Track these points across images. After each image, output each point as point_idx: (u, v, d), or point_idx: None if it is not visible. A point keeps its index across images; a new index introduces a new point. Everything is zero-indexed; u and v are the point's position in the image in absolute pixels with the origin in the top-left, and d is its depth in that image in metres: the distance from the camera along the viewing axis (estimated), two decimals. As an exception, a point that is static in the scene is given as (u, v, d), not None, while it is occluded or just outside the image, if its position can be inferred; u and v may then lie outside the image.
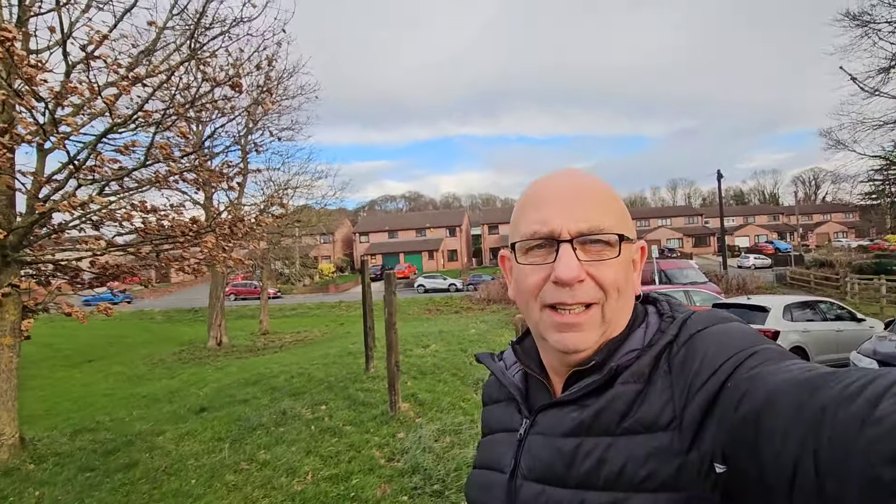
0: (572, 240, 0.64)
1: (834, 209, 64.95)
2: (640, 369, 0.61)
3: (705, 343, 0.59)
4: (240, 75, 5.82)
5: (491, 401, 0.85)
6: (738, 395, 0.51)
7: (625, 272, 0.66)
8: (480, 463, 0.79)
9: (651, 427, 0.57)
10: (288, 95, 10.74)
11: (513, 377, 0.79)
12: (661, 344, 0.62)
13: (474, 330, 13.43)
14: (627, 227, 0.68)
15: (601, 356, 0.65)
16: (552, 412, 0.68)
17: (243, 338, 18.85)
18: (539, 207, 0.67)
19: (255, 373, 9.38)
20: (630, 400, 0.60)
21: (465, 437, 4.72)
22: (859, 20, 17.38)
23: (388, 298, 5.79)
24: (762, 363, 0.53)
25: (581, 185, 0.68)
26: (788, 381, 0.47)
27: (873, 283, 20.03)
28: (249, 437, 5.30)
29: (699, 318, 0.65)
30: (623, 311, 0.67)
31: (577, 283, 0.63)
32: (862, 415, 0.38)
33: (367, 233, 57.14)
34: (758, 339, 0.59)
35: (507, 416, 0.77)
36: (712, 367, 0.56)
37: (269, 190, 15.37)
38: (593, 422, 0.61)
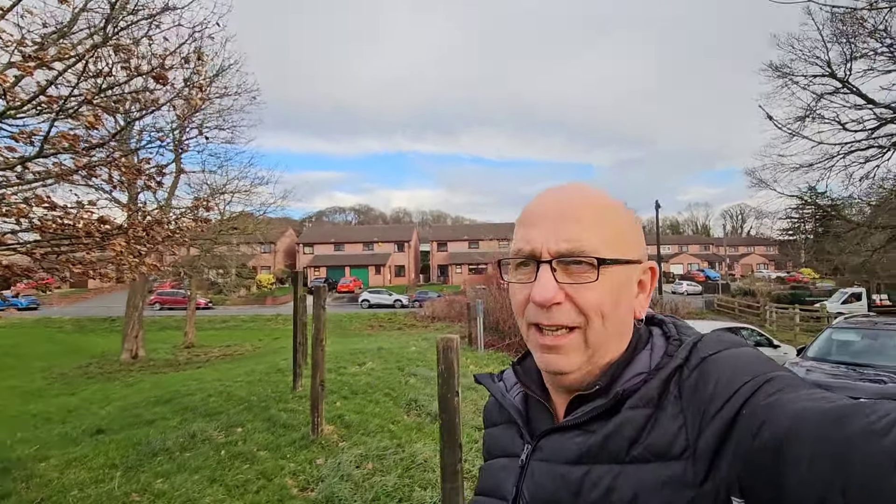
0: (551, 260, 0.62)
1: (757, 242, 70.73)
2: (648, 393, 0.59)
3: (718, 368, 0.57)
4: (165, 67, 5.38)
5: (491, 423, 0.82)
6: (757, 423, 0.48)
7: (612, 296, 0.63)
8: (482, 489, 0.77)
9: (663, 455, 0.55)
10: (222, 94, 10.16)
11: (513, 399, 0.76)
12: (671, 368, 0.60)
13: (415, 347, 13.14)
14: (623, 249, 0.65)
15: (605, 380, 0.63)
16: (555, 437, 0.65)
17: (164, 351, 17.46)
18: (527, 225, 0.66)
19: (169, 390, 8.60)
20: (640, 426, 0.57)
21: (389, 462, 4.44)
22: (780, 71, 19.18)
23: (315, 313, 5.45)
24: (780, 390, 0.51)
25: (571, 203, 0.65)
26: (812, 410, 0.45)
27: (788, 312, 21.76)
28: (148, 464, 4.74)
29: (710, 341, 0.62)
30: (614, 336, 0.64)
31: (555, 305, 0.62)
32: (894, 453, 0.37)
33: (312, 244, 55.47)
34: (772, 365, 0.56)
35: (507, 440, 0.75)
36: (727, 393, 0.53)
37: (203, 193, 14.47)
38: (601, 449, 0.59)
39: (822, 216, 36.24)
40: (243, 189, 16.05)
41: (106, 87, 5.17)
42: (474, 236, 55.52)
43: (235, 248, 22.32)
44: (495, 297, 17.49)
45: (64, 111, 4.49)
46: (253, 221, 17.00)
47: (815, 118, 18.76)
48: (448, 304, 24.72)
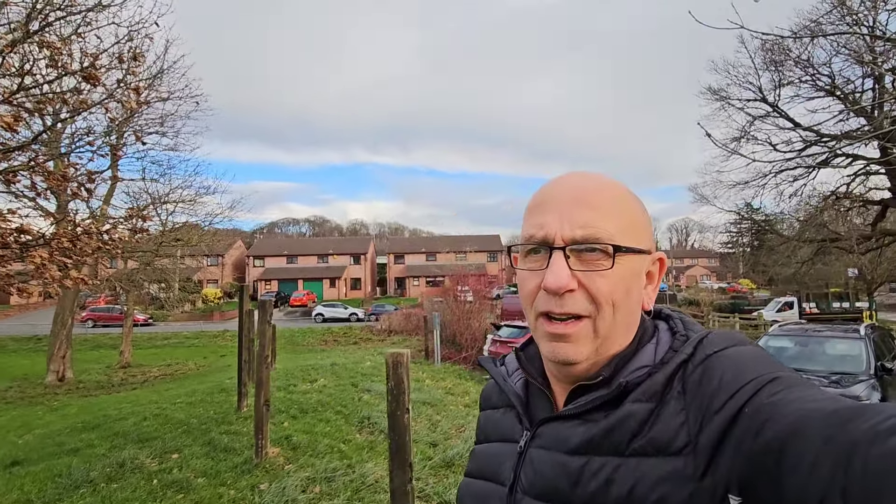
0: (565, 247, 0.61)
1: (700, 255, 74.78)
2: (652, 388, 0.58)
3: (723, 365, 0.56)
4: (95, 66, 5.03)
5: (489, 406, 0.81)
6: (759, 422, 0.48)
7: (624, 285, 0.62)
8: (476, 472, 0.75)
9: (664, 450, 0.54)
10: (164, 98, 9.62)
11: (514, 384, 0.75)
12: (675, 363, 0.59)
13: (370, 362, 12.81)
14: (637, 237, 0.64)
15: (608, 371, 0.62)
16: (555, 425, 0.65)
17: (97, 372, 16.21)
18: (539, 211, 0.65)
19: (98, 414, 7.92)
20: (642, 419, 0.57)
21: (338, 485, 4.22)
22: (718, 95, 20.50)
23: (261, 329, 5.17)
24: (783, 389, 0.51)
25: (586, 189, 0.64)
26: (816, 410, 0.45)
27: (729, 321, 23.04)
28: (68, 499, 4.29)
29: (715, 338, 0.61)
30: (622, 326, 0.63)
31: (567, 292, 0.60)
32: None
33: (263, 256, 53.57)
34: (776, 364, 0.56)
35: (506, 425, 0.74)
36: (730, 390, 0.53)
37: (143, 202, 13.62)
38: (602, 440, 0.58)
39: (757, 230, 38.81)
40: (188, 199, 15.26)
41: (28, 86, 4.76)
42: (432, 249, 55.52)
43: (179, 260, 21.18)
44: (452, 310, 17.46)
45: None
46: (198, 233, 16.17)
47: (750, 139, 20.14)
48: (405, 317, 24.44)
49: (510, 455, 0.69)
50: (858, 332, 7.08)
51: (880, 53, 12.27)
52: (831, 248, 21.76)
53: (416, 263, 54.55)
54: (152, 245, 13.84)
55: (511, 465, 0.68)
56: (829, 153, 18.74)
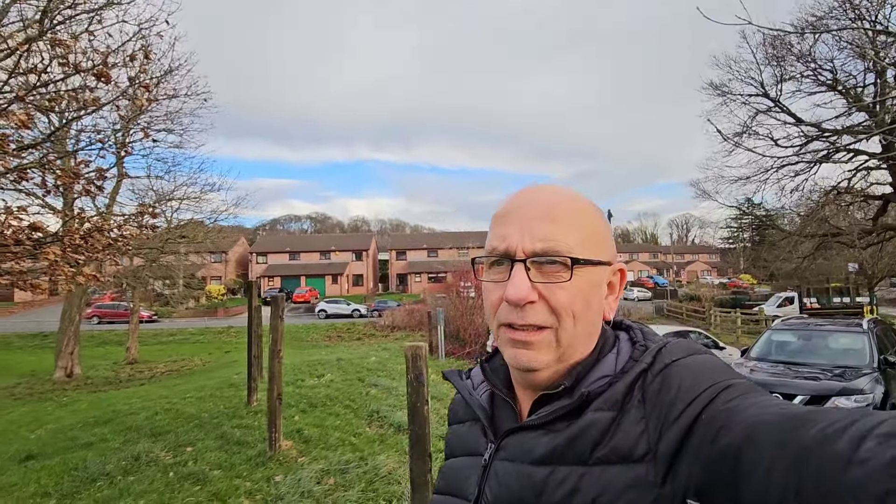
0: (525, 259, 0.62)
1: (701, 250, 74.70)
2: (613, 396, 0.59)
3: (680, 374, 0.58)
4: (107, 65, 5.07)
5: (456, 420, 0.82)
6: (715, 428, 0.49)
7: (583, 297, 0.63)
8: (444, 489, 0.75)
9: (626, 458, 0.55)
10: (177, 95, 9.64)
11: (479, 397, 0.75)
12: (636, 372, 0.61)
13: (375, 358, 12.91)
14: (597, 249, 0.65)
15: (570, 380, 0.63)
16: (519, 436, 0.65)
17: (104, 368, 16.29)
18: (502, 223, 0.66)
19: (109, 409, 8.00)
20: (604, 428, 0.58)
21: (352, 477, 4.30)
22: (720, 90, 20.46)
23: (273, 324, 5.24)
24: (738, 396, 0.52)
25: (547, 202, 0.65)
26: (769, 416, 0.46)
27: (731, 316, 23.06)
28: (86, 491, 4.37)
29: (674, 348, 0.63)
30: (583, 336, 0.65)
31: (528, 304, 0.61)
32: (846, 455, 0.38)
33: (266, 253, 53.70)
34: (732, 373, 0.58)
35: (471, 439, 0.74)
36: (688, 398, 0.54)
37: (148, 199, 13.66)
38: (566, 449, 0.59)
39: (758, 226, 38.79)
40: (193, 196, 15.28)
41: (40, 84, 4.81)
42: (433, 245, 55.56)
43: (183, 257, 21.25)
44: (455, 306, 17.53)
45: (-8, 108, 4.13)
46: (203, 230, 16.23)
47: (751, 134, 20.11)
48: (408, 313, 24.51)
49: (475, 468, 0.69)
50: (861, 327, 7.13)
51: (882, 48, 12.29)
52: (832, 242, 21.78)
53: (417, 259, 54.62)
54: (157, 242, 13.90)
55: (476, 478, 0.68)
56: (830, 148, 18.74)
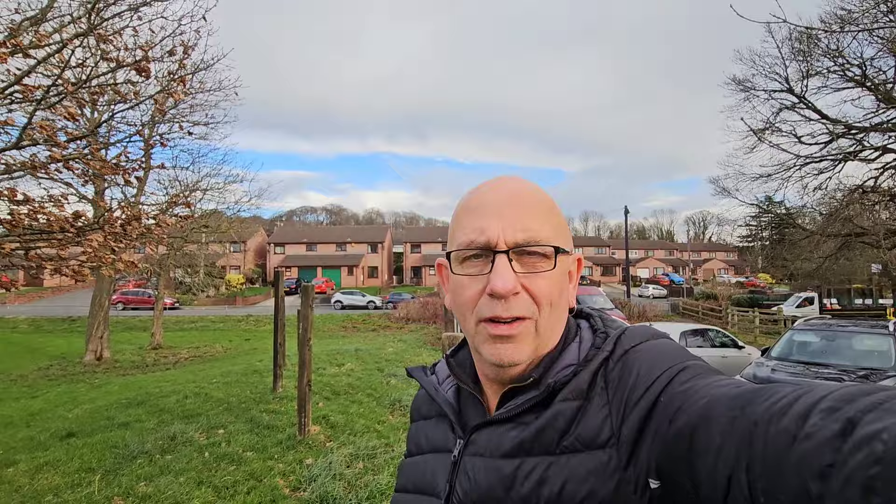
0: (508, 251, 0.62)
1: (717, 248, 73.61)
2: (578, 386, 0.60)
3: (639, 359, 0.59)
4: (148, 59, 5.25)
5: (420, 416, 0.81)
6: (673, 410, 0.51)
7: (559, 285, 0.64)
8: (410, 486, 0.74)
9: (590, 445, 0.56)
10: (204, 89, 9.89)
11: (445, 393, 0.75)
12: (598, 360, 0.61)
13: (392, 349, 13.11)
14: (564, 239, 0.66)
15: (538, 372, 0.63)
16: (488, 431, 0.64)
17: (130, 352, 16.80)
18: (477, 216, 0.65)
19: (140, 392, 8.32)
20: (570, 418, 0.58)
21: (380, 462, 4.46)
22: (742, 85, 20.09)
23: (303, 313, 5.41)
24: (693, 377, 0.54)
25: (521, 194, 0.65)
26: (721, 396, 0.48)
27: (748, 315, 22.76)
28: (128, 467, 4.60)
29: (632, 333, 0.64)
30: (557, 325, 0.66)
31: (513, 295, 0.61)
32: (793, 430, 0.39)
33: (283, 244, 54.44)
34: (687, 355, 0.60)
35: (438, 435, 0.73)
36: (646, 382, 0.56)
37: (174, 190, 14.00)
38: (534, 441, 0.59)
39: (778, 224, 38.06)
40: (216, 186, 15.63)
41: (87, 79, 5.01)
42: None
43: (205, 246, 21.70)
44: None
45: (45, 101, 4.33)
46: (226, 220, 16.57)
47: (774, 131, 19.75)
48: (422, 305, 24.72)
49: (444, 465, 0.69)
50: (888, 329, 7.07)
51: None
52: (856, 242, 21.31)
53: (432, 252, 54.83)
54: (182, 231, 14.25)
55: (445, 475, 0.67)
56: (857, 146, 18.31)
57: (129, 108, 5.61)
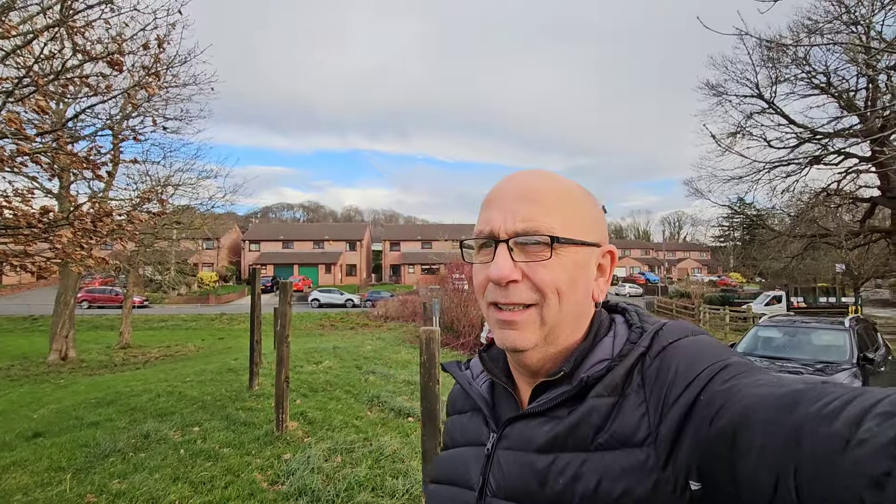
0: (508, 240, 0.63)
1: (692, 248, 75.62)
2: (613, 381, 0.59)
3: (678, 355, 0.58)
4: (122, 52, 5.15)
5: (455, 411, 0.82)
6: (714, 409, 0.49)
7: (568, 275, 0.63)
8: (443, 478, 0.75)
9: (626, 442, 0.55)
10: (178, 83, 9.67)
11: (479, 387, 0.76)
12: (634, 356, 0.61)
13: (370, 346, 13.12)
14: (583, 231, 0.66)
15: (569, 366, 0.63)
16: (521, 424, 0.65)
17: (97, 352, 16.36)
18: (488, 208, 0.67)
19: (110, 391, 8.14)
20: (605, 414, 0.58)
21: (358, 455, 4.50)
22: (715, 90, 20.72)
23: (281, 310, 5.40)
24: (735, 376, 0.52)
25: (532, 185, 0.66)
26: (765, 395, 0.46)
27: (720, 313, 23.54)
28: (99, 466, 4.53)
29: (670, 329, 0.64)
30: (570, 316, 0.65)
31: (511, 283, 0.62)
32: (845, 435, 0.37)
33: (259, 241, 53.53)
34: (728, 352, 0.58)
35: (472, 429, 0.74)
36: (686, 380, 0.54)
37: (144, 185, 13.66)
38: (568, 436, 0.59)
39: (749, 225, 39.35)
40: (189, 182, 15.29)
41: (58, 72, 4.89)
42: (427, 236, 55.70)
43: (176, 243, 21.22)
44: (450, 297, 17.74)
45: (14, 94, 4.22)
46: (199, 216, 16.25)
47: (745, 135, 20.44)
48: (401, 303, 24.71)
49: (478, 458, 0.69)
50: (843, 324, 7.44)
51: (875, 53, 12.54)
52: (820, 243, 22.25)
53: (411, 251, 54.76)
54: (152, 227, 13.92)
55: (479, 468, 0.68)
56: (822, 151, 19.10)
57: (100, 101, 5.49)
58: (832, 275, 28.54)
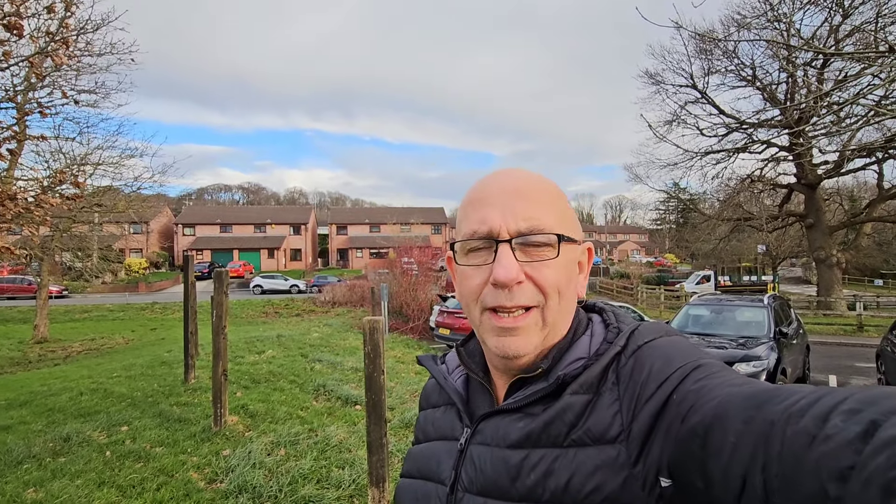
0: (511, 240, 0.62)
1: (631, 230, 79.48)
2: (589, 380, 0.60)
3: (652, 355, 0.59)
4: (20, 15, 4.56)
5: (429, 405, 0.81)
6: (686, 408, 0.50)
7: (566, 274, 0.64)
8: (415, 472, 0.75)
9: (599, 439, 0.56)
10: (91, 51, 8.65)
11: (454, 382, 0.75)
12: (610, 355, 0.61)
13: (317, 333, 12.80)
14: (570, 228, 0.66)
15: (547, 363, 0.63)
16: (495, 420, 0.65)
17: (8, 348, 14.88)
18: (480, 206, 0.65)
19: (24, 391, 7.42)
20: (579, 411, 0.58)
21: (303, 447, 4.37)
22: (654, 79, 21.61)
23: (217, 299, 5.09)
24: (707, 376, 0.53)
25: (523, 183, 0.65)
26: (736, 394, 0.47)
27: (656, 292, 24.99)
28: (12, 474, 4.11)
29: (645, 329, 0.64)
30: (565, 314, 0.65)
31: (516, 284, 0.61)
32: (812, 431, 0.38)
33: (193, 224, 50.50)
34: (701, 353, 0.59)
35: (446, 423, 0.73)
36: (659, 379, 0.55)
37: (57, 164, 12.36)
38: (542, 433, 0.59)
39: (683, 209, 41.82)
40: (110, 161, 13.96)
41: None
42: (376, 220, 54.93)
43: (98, 227, 19.57)
44: (399, 282, 17.62)
45: None
46: (125, 198, 14.99)
47: (680, 123, 21.55)
48: (349, 288, 24.26)
49: (450, 453, 0.69)
50: (762, 302, 8.07)
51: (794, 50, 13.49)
52: (745, 226, 24.07)
53: (359, 235, 53.84)
54: (69, 212, 12.69)
55: (451, 462, 0.68)
56: (747, 140, 20.51)
57: (-2, 68, 4.85)
58: (754, 255, 31.02)
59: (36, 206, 5.51)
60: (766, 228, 22.49)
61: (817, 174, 20.35)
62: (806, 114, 13.82)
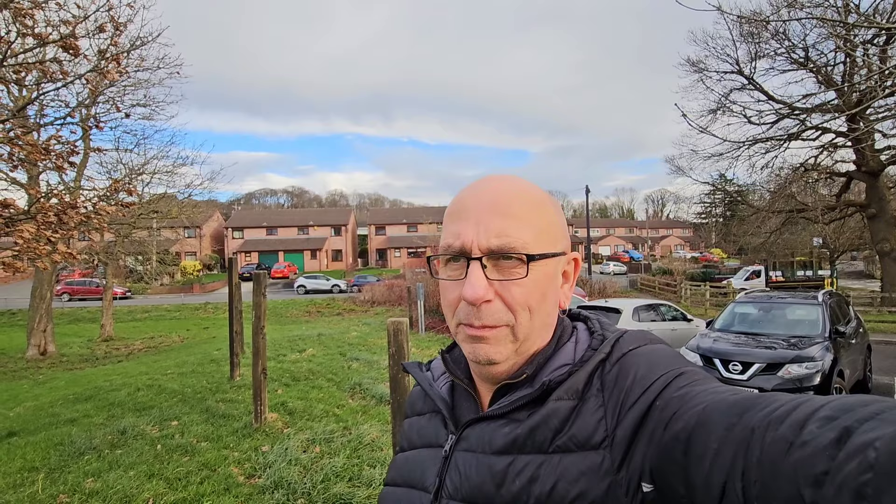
0: (482, 257, 0.61)
1: (674, 225, 76.51)
2: (574, 386, 0.60)
3: (637, 362, 0.60)
4: (75, 36, 4.91)
5: (414, 412, 0.81)
6: (669, 415, 0.51)
7: (539, 290, 0.63)
8: (400, 479, 0.74)
9: (583, 445, 0.56)
10: (143, 67, 9.28)
11: (440, 389, 0.75)
12: (595, 361, 0.62)
13: (356, 333, 13.09)
14: (552, 241, 0.65)
15: (531, 369, 0.64)
16: (480, 427, 0.65)
17: (78, 345, 16.09)
18: (456, 219, 0.64)
19: (89, 386, 8.00)
20: (564, 417, 0.59)
21: (337, 445, 4.49)
22: (696, 67, 20.65)
23: (256, 301, 5.31)
24: (690, 383, 0.54)
25: (502, 196, 0.63)
26: (718, 402, 0.48)
27: (700, 289, 23.95)
28: (74, 465, 4.46)
29: (630, 337, 0.65)
30: (540, 328, 0.65)
31: (485, 303, 0.61)
32: (789, 438, 0.39)
33: (242, 228, 52.72)
34: (683, 361, 0.60)
35: (431, 430, 0.74)
36: (643, 386, 0.56)
37: (118, 174, 13.24)
38: (527, 439, 0.59)
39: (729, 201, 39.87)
40: (165, 169, 14.86)
41: (4, 56, 4.65)
42: (413, 220, 55.44)
43: (156, 232, 20.79)
44: (435, 281, 17.68)
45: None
46: (178, 204, 15.87)
47: (725, 111, 20.49)
48: (388, 288, 24.66)
49: (435, 460, 0.69)
50: (816, 299, 7.57)
51: (853, 27, 12.56)
52: (798, 218, 22.63)
53: (397, 235, 54.52)
54: (129, 217, 13.57)
55: (436, 470, 0.68)
56: (800, 126, 19.27)
57: (57, 87, 5.25)
58: (809, 248, 29.13)
59: (95, 213, 5.93)
60: (823, 220, 21.04)
61: (880, 160, 18.85)
62: (866, 95, 12.85)
